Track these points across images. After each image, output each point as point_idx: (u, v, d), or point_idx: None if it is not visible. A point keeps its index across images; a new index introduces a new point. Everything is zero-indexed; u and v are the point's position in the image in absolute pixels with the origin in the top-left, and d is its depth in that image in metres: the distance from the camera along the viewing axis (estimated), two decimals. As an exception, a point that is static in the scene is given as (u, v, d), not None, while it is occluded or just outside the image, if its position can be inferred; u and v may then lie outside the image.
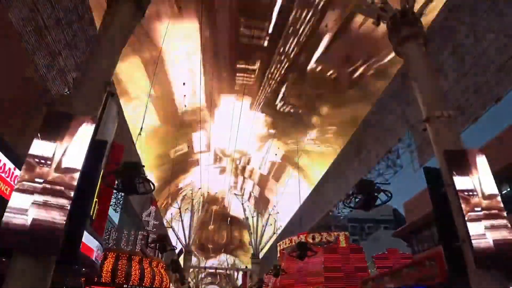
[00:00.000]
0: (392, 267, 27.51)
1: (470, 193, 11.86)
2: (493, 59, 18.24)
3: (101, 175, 17.15)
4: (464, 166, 12.29)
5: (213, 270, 76.49)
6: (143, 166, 11.26)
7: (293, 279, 43.98)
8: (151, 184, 10.94)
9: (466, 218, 11.44)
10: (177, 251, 70.36)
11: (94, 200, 18.19)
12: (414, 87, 14.30)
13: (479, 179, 12.27)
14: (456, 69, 20.35)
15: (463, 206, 11.65)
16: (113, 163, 21.11)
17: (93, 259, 19.78)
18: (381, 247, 51.21)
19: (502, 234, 11.58)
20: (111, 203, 52.29)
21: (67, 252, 8.45)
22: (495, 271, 11.20)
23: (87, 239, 17.73)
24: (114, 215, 48.36)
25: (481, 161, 12.61)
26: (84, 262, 17.90)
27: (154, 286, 44.74)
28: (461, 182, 11.94)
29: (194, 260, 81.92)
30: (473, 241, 11.20)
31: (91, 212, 18.25)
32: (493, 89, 18.33)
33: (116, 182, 11.66)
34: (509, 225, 11.74)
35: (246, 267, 75.12)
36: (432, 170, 13.12)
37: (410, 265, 20.07)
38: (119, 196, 53.53)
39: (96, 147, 9.92)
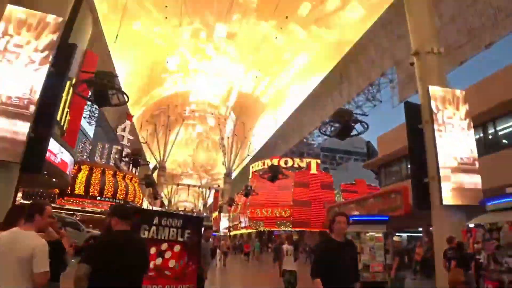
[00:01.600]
0: (358, 196, 28.80)
1: (447, 133, 11.92)
2: (491, 2, 17.54)
3: (72, 84, 16.41)
4: (446, 105, 12.21)
5: (185, 187, 78.39)
6: (117, 76, 10.60)
7: (263, 199, 45.70)
8: (124, 95, 10.34)
9: (438, 156, 11.60)
10: (151, 166, 71.28)
11: (65, 110, 17.49)
12: (408, 20, 13.67)
13: (459, 120, 12.29)
14: (453, 8, 19.57)
15: (437, 144, 11.75)
16: (86, 72, 20.01)
17: (67, 172, 19.59)
18: (350, 178, 53.16)
19: (471, 177, 11.92)
20: (85, 115, 51.25)
21: (32, 160, 8.09)
22: (457, 209, 11.66)
23: (62, 154, 17.35)
24: (89, 129, 47.54)
25: (462, 103, 12.56)
26: (59, 175, 17.71)
27: (127, 199, 45.82)
28: (440, 120, 11.92)
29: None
30: (442, 179, 11.48)
31: (62, 123, 17.65)
32: (486, 33, 17.85)
33: (89, 93, 11.02)
34: (476, 169, 12.09)
35: (219, 186, 77.52)
36: (412, 105, 13.02)
37: (376, 196, 20.94)
38: (94, 109, 52.41)
39: (63, 50, 9.14)
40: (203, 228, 8.18)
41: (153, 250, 5.70)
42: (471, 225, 10.38)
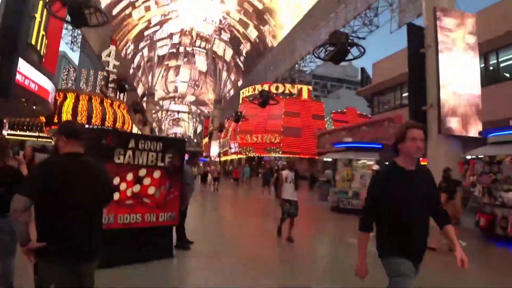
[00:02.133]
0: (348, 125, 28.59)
1: (450, 59, 11.29)
2: None
3: (45, 3, 14.99)
4: (452, 28, 11.42)
5: (175, 113, 77.68)
6: (94, -6, 9.49)
7: (253, 125, 45.60)
8: (103, 15, 9.36)
9: (440, 83, 11.09)
10: (139, 91, 69.83)
11: (41, 34, 16.12)
12: None
13: (464, 46, 11.60)
14: None
15: (440, 70, 11.17)
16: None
17: (49, 101, 18.86)
18: (341, 106, 52.73)
19: (472, 108, 11.52)
20: (67, 41, 48.64)
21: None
22: (455, 140, 11.42)
23: (41, 80, 16.48)
24: (73, 56, 45.45)
25: (471, 28, 11.77)
26: (40, 102, 16.97)
27: (116, 126, 45.31)
28: (444, 45, 11.22)
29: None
30: (441, 107, 11.08)
31: (39, 48, 16.40)
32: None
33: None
34: (478, 100, 11.66)
35: (209, 112, 77.11)
36: (416, 28, 12.20)
37: (369, 124, 20.71)
38: (76, 34, 49.76)
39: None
40: (190, 154, 7.75)
41: (130, 177, 5.22)
42: (469, 157, 10.20)
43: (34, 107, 17.40)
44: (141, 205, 5.35)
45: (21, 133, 39.93)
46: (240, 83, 63.90)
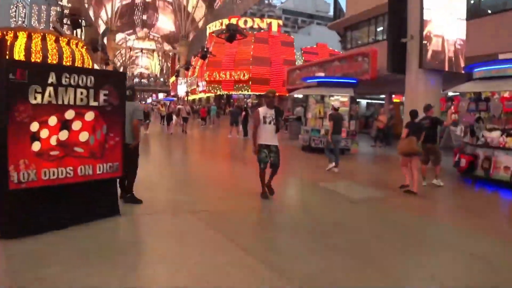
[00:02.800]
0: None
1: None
2: None
3: None
4: None
5: (138, 50, 73.83)
6: None
7: (221, 61, 43.78)
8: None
9: (424, 12, 10.10)
10: (100, 30, 65.20)
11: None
12: None
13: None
14: None
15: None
16: None
17: None
18: (312, 42, 51.12)
19: (456, 40, 10.69)
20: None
21: None
22: (436, 75, 10.70)
23: None
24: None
25: None
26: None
27: (75, 66, 42.19)
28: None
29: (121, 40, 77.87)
30: (423, 39, 10.19)
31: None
32: None
33: None
34: (463, 32, 10.82)
35: (174, 48, 73.78)
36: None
37: (341, 58, 19.70)
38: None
39: None
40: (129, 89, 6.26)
41: (53, 121, 4.10)
42: (452, 94, 9.52)
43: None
44: (72, 156, 4.28)
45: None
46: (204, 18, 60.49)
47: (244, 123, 17.87)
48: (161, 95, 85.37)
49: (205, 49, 38.18)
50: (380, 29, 20.77)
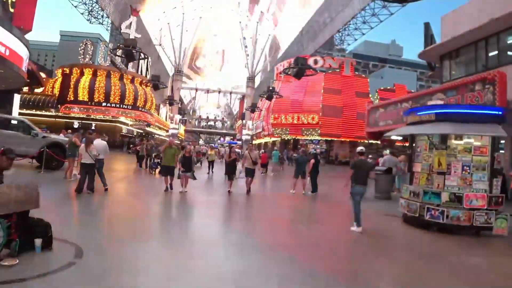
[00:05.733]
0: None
1: None
2: None
3: None
4: None
5: (205, 91, 72.98)
6: None
7: (288, 103, 40.12)
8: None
9: None
10: (169, 69, 65.39)
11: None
12: None
13: None
14: None
15: None
16: None
17: (23, 68, 15.29)
18: (384, 84, 46.89)
19: None
20: (83, 11, 44.56)
21: None
22: None
23: (11, 43, 13.54)
24: (92, 29, 41.67)
25: None
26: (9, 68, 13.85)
27: (137, 104, 40.98)
28: None
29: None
30: None
31: None
32: None
33: None
34: None
35: (236, 87, 72.16)
36: None
37: (447, 89, 14.59)
38: (90, 2, 45.54)
39: None
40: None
41: None
42: None
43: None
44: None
45: (36, 112, 36.32)
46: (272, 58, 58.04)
47: (313, 175, 13.20)
48: (228, 139, 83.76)
49: (271, 88, 34.88)
50: (493, 53, 15.59)
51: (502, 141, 16.80)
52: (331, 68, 41.99)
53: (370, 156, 16.80)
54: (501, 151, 7.66)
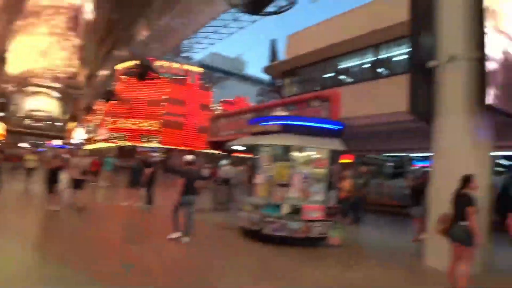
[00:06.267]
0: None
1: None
2: None
3: None
4: None
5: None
6: None
7: (129, 108, 37.79)
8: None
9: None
10: None
11: None
12: None
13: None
14: None
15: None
16: None
17: None
18: (227, 96, 49.10)
19: None
20: None
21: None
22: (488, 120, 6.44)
23: None
24: None
25: None
26: None
27: None
28: None
29: None
30: (488, 58, 5.91)
31: None
32: None
33: None
34: None
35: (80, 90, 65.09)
36: None
37: (289, 103, 15.23)
38: None
39: None
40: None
41: None
42: None
43: None
44: None
45: None
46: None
47: (150, 185, 11.90)
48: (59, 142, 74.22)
49: (109, 91, 32.25)
50: (329, 75, 17.11)
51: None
52: (177, 75, 41.28)
53: (208, 165, 16.52)
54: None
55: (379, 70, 14.50)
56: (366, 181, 11.25)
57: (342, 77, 16.36)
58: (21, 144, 71.83)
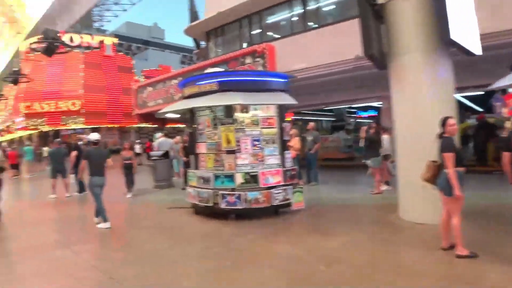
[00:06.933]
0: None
1: None
2: None
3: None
4: None
5: None
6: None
7: (42, 89, 34.04)
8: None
9: None
10: None
11: None
12: None
13: None
14: None
15: None
16: None
17: None
18: (149, 66, 46.51)
19: None
20: None
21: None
22: (447, 58, 5.86)
23: None
24: None
25: None
26: None
27: None
28: None
29: None
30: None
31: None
32: None
33: None
34: None
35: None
36: None
37: (220, 62, 13.99)
38: None
39: None
40: None
41: None
42: None
43: None
44: None
45: None
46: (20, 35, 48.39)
47: (76, 170, 10.18)
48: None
49: (16, 71, 28.38)
50: (257, 31, 15.98)
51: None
52: (90, 47, 37.80)
53: (138, 141, 15.03)
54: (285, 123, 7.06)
55: (309, 22, 13.63)
56: (315, 137, 10.60)
57: (270, 33, 15.33)
58: None
